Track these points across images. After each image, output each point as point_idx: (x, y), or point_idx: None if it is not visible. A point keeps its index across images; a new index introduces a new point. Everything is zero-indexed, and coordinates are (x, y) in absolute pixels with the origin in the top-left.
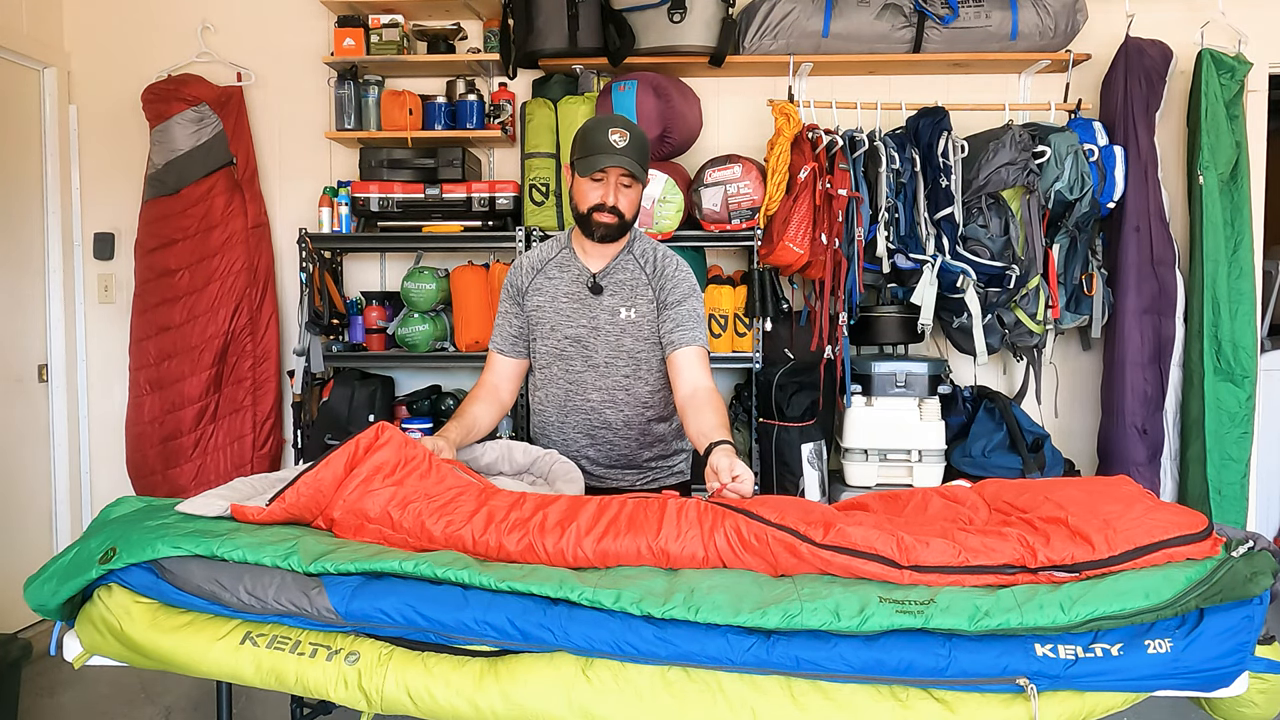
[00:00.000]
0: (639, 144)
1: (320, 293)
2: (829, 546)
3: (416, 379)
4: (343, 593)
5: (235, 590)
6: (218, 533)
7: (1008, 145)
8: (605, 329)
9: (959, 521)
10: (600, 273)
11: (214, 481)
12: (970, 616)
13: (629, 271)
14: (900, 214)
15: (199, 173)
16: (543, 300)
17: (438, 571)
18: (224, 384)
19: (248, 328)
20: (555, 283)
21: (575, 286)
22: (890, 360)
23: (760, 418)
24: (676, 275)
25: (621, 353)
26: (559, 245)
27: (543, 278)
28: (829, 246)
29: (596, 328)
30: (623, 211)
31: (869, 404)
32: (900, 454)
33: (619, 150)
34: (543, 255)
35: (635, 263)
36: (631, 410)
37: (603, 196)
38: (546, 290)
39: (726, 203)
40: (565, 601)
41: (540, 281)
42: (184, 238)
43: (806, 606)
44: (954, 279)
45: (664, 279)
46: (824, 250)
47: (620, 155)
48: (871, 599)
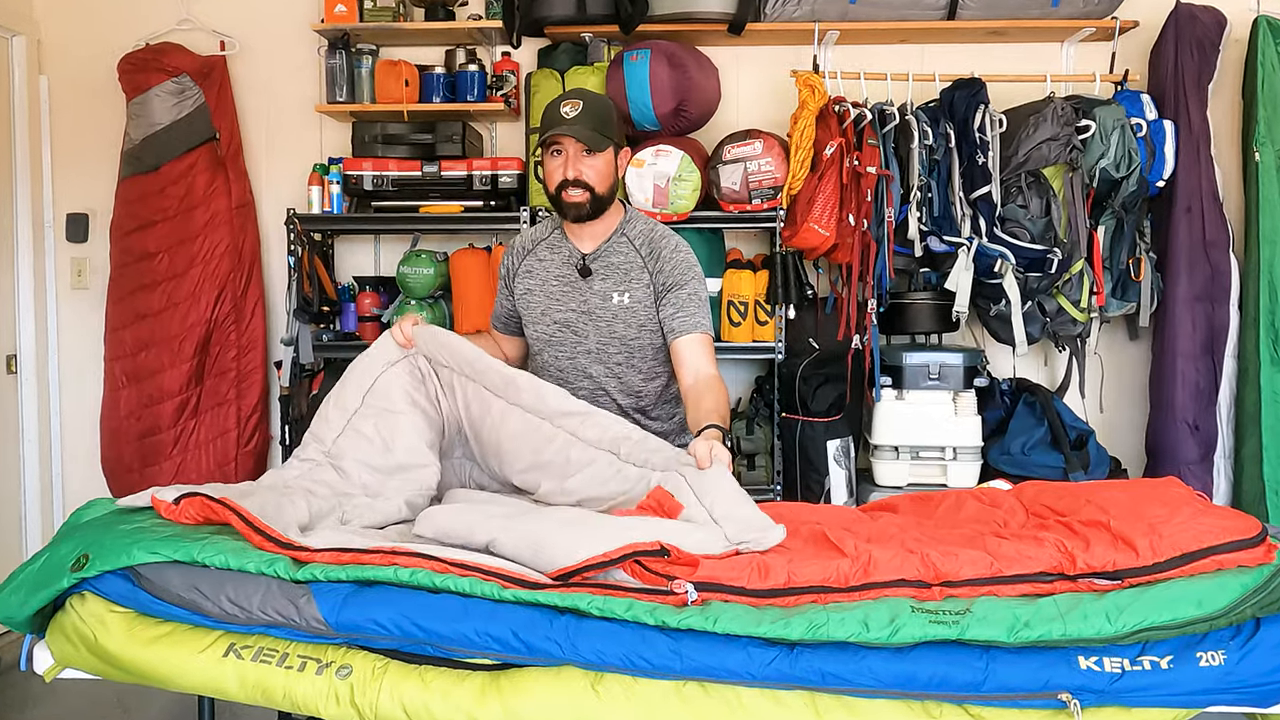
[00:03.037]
0: (594, 111)
1: (310, 278)
2: (854, 588)
3: None
4: (333, 602)
5: (217, 599)
6: (198, 537)
7: (1049, 119)
8: (596, 314)
9: (993, 526)
10: (591, 254)
11: (195, 481)
12: (1009, 627)
13: (622, 254)
14: (933, 193)
15: (179, 149)
16: (533, 283)
17: (436, 580)
18: (206, 376)
19: (232, 315)
20: (545, 265)
21: (565, 269)
22: (923, 350)
23: (783, 412)
24: (674, 257)
25: (614, 339)
26: (551, 226)
27: (533, 259)
28: (857, 228)
29: (587, 312)
30: (590, 184)
31: (900, 398)
32: (933, 452)
33: (569, 120)
34: (535, 236)
35: (629, 245)
36: (626, 400)
37: (563, 170)
38: (537, 272)
39: (746, 181)
40: (573, 611)
41: (530, 263)
42: (163, 219)
43: (833, 617)
44: (991, 263)
45: (660, 261)
46: (851, 232)
47: (570, 124)
48: (903, 609)
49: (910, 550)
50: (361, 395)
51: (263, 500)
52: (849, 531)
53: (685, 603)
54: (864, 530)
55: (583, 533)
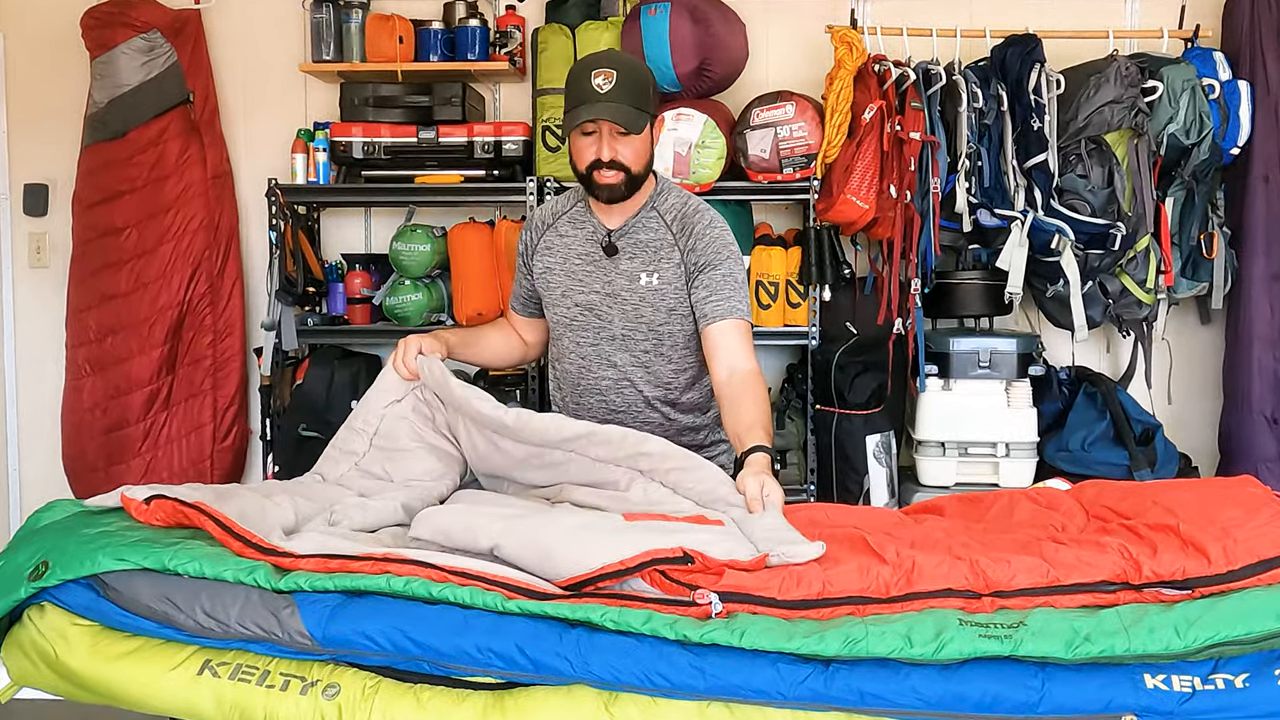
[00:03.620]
0: (632, 83)
1: (293, 255)
2: (896, 598)
3: None
4: (319, 613)
5: (191, 610)
6: (170, 542)
7: (1112, 80)
8: (622, 296)
9: (1049, 530)
10: (617, 231)
11: (166, 480)
12: (1067, 642)
13: (651, 230)
14: (984, 162)
15: (149, 113)
16: (552, 261)
17: (433, 590)
18: (179, 364)
19: (207, 297)
20: (568, 241)
21: (589, 246)
22: (972, 336)
23: (817, 404)
24: (708, 234)
25: (641, 324)
26: (575, 197)
27: (554, 235)
28: (899, 200)
29: (612, 294)
30: (627, 165)
31: (946, 388)
32: (983, 448)
33: (604, 96)
34: (556, 209)
35: (659, 220)
36: (653, 391)
37: (597, 151)
38: (557, 249)
39: (777, 148)
40: (585, 624)
41: (551, 239)
42: (131, 190)
43: (872, 630)
44: (1048, 239)
45: (693, 239)
46: (893, 205)
47: (605, 103)
48: (950, 622)
49: (958, 557)
50: (369, 439)
51: (242, 503)
52: (890, 536)
53: (709, 615)
54: (907, 534)
55: (596, 538)
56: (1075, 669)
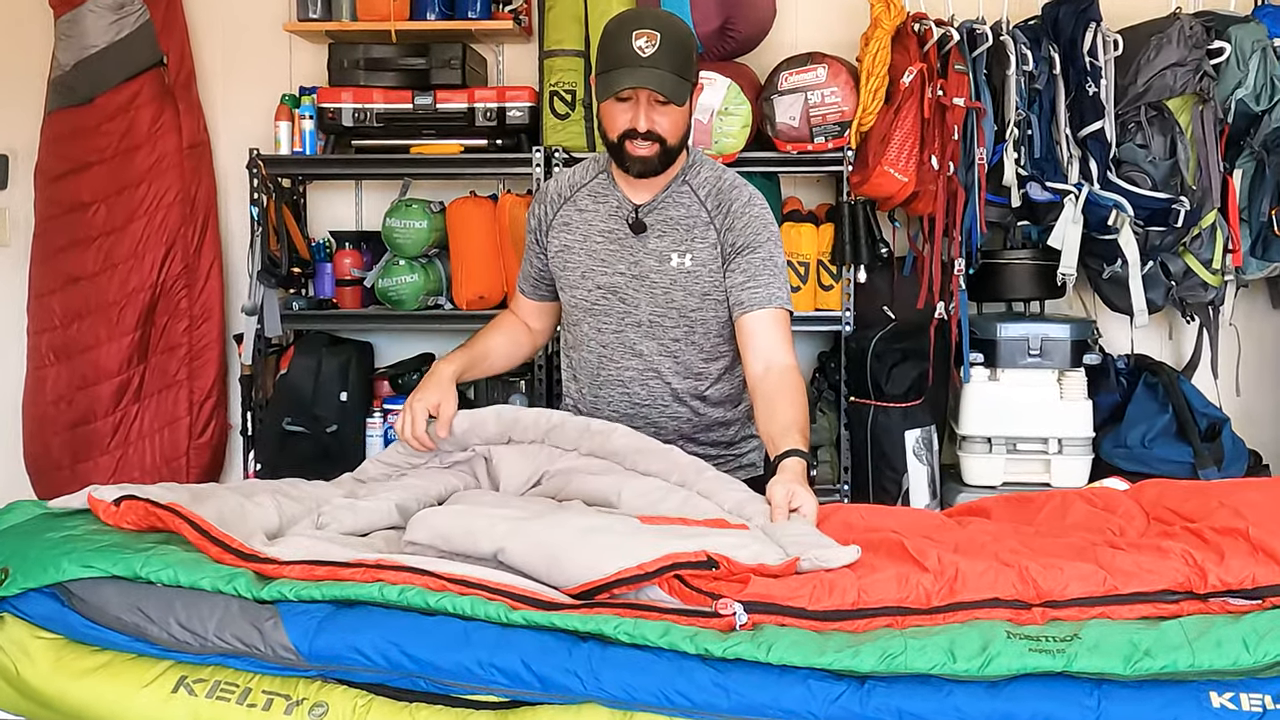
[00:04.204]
0: (676, 47)
1: (277, 233)
2: (938, 609)
3: (402, 345)
4: (306, 625)
5: (165, 622)
6: (142, 547)
7: (1174, 41)
8: (650, 278)
9: (1106, 534)
10: (645, 206)
11: (138, 479)
12: (1126, 656)
13: (683, 206)
14: (1034, 130)
15: (119, 76)
16: (571, 238)
17: (430, 599)
18: (152, 352)
19: (182, 278)
20: (588, 216)
21: (613, 222)
22: (1021, 321)
23: (851, 396)
24: (747, 212)
25: (671, 310)
26: (595, 168)
27: (572, 209)
28: (941, 172)
29: (639, 276)
30: (664, 136)
31: (993, 378)
32: (1034, 444)
33: (645, 61)
34: (575, 180)
35: (692, 195)
36: (682, 384)
37: (632, 121)
38: (577, 225)
39: (807, 115)
40: (597, 637)
41: (569, 214)
42: (99, 161)
43: (912, 644)
44: (1104, 215)
45: (730, 217)
46: (934, 178)
47: (647, 69)
48: (997, 634)
49: (1006, 563)
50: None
51: (222, 504)
52: (931, 540)
53: (733, 626)
54: (949, 539)
55: (610, 541)
56: (1134, 686)
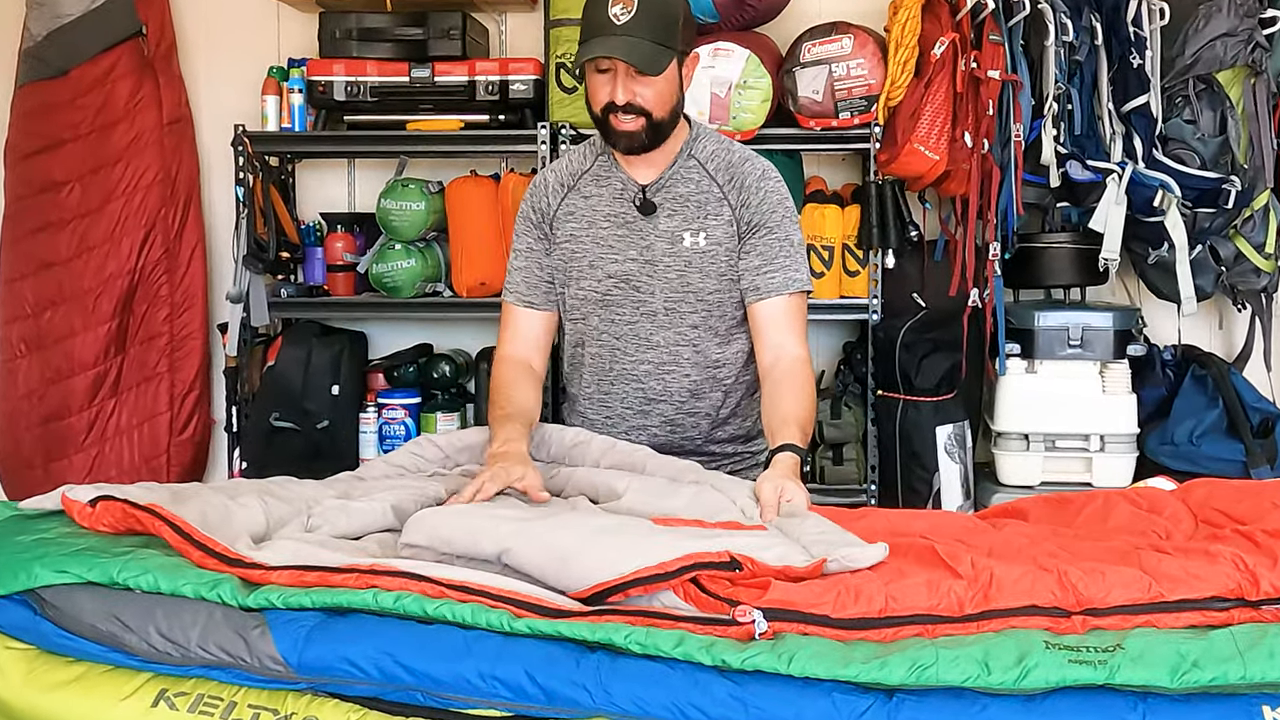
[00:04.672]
0: (654, 13)
1: (264, 215)
2: (971, 617)
3: (398, 335)
4: (295, 635)
5: (144, 631)
6: (120, 551)
7: (1225, 9)
8: (664, 262)
9: (1151, 537)
10: (652, 185)
11: (115, 478)
12: (1173, 668)
13: (693, 182)
14: (1074, 105)
15: (95, 47)
16: (577, 227)
17: (428, 607)
18: (130, 343)
19: (163, 264)
20: (593, 202)
21: (619, 206)
22: (1060, 309)
23: (879, 390)
24: (762, 187)
25: (688, 294)
26: (593, 152)
27: (576, 197)
28: (975, 150)
29: (651, 261)
30: (648, 109)
31: (1030, 370)
32: (1074, 441)
33: (618, 29)
34: (573, 167)
35: (701, 170)
36: (700, 374)
37: (611, 93)
38: (582, 213)
39: (832, 89)
40: (606, 647)
41: (573, 202)
42: (74, 138)
43: (943, 654)
44: (1150, 196)
45: (745, 193)
46: (968, 156)
47: (619, 37)
48: (1034, 645)
49: (1044, 568)
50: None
51: (205, 505)
52: (964, 544)
53: (752, 635)
54: (984, 542)
55: (624, 541)
56: (1181, 700)
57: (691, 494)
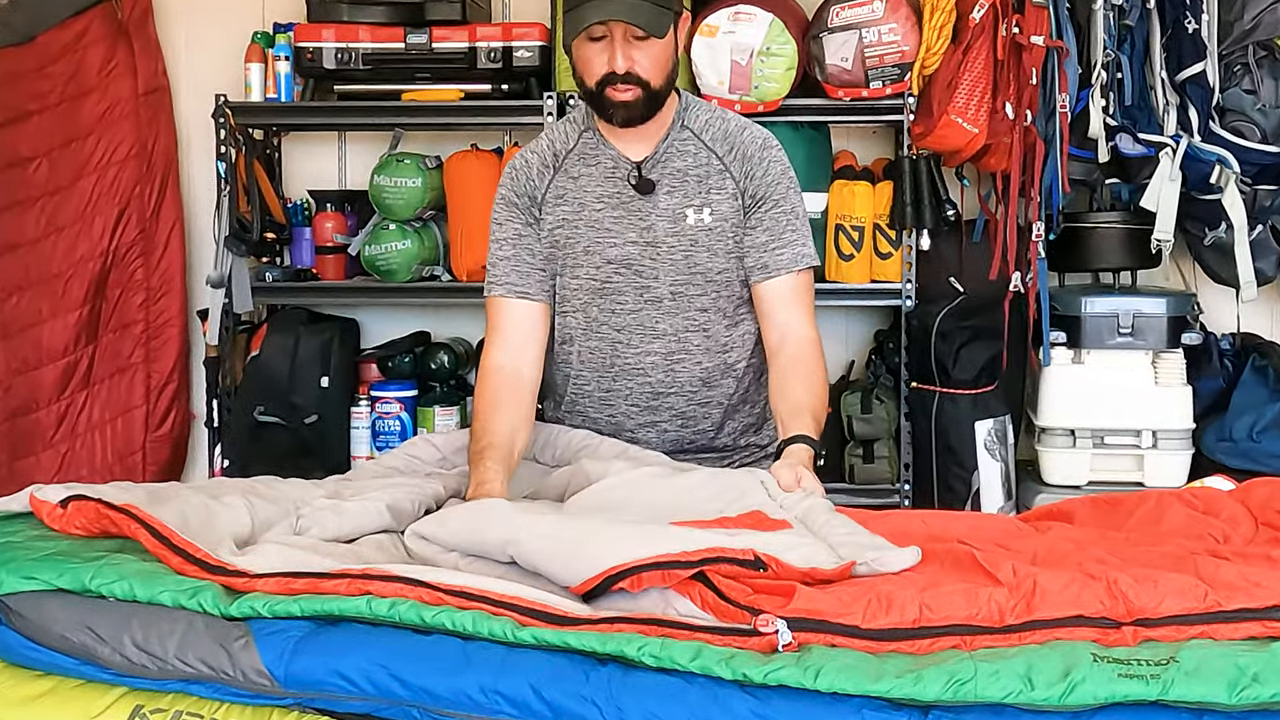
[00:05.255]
0: None
1: (248, 193)
2: (1013, 628)
3: (393, 322)
4: (281, 646)
5: (119, 643)
6: (92, 556)
7: None
8: (667, 243)
9: (1208, 542)
10: (648, 161)
11: (87, 477)
12: (1231, 683)
13: (690, 155)
14: (1125, 74)
15: (64, 11)
16: (569, 211)
17: (425, 615)
18: (102, 330)
19: (138, 245)
20: (583, 183)
21: (612, 185)
22: (1110, 295)
23: (913, 381)
24: (765, 157)
25: (695, 275)
26: (577, 127)
27: (564, 179)
28: (1017, 122)
29: (653, 243)
30: (646, 79)
31: (1077, 360)
32: (1125, 437)
33: None
34: (556, 145)
35: (696, 141)
36: (711, 361)
37: (609, 62)
38: (571, 196)
39: (862, 56)
40: (618, 660)
41: (561, 184)
42: (41, 109)
43: (982, 668)
44: (1206, 171)
45: (749, 164)
46: (1009, 128)
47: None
48: (1081, 658)
49: (1091, 575)
50: None
51: (185, 506)
52: (1005, 549)
53: (775, 647)
54: (1027, 547)
55: (641, 531)
56: (1240, 717)
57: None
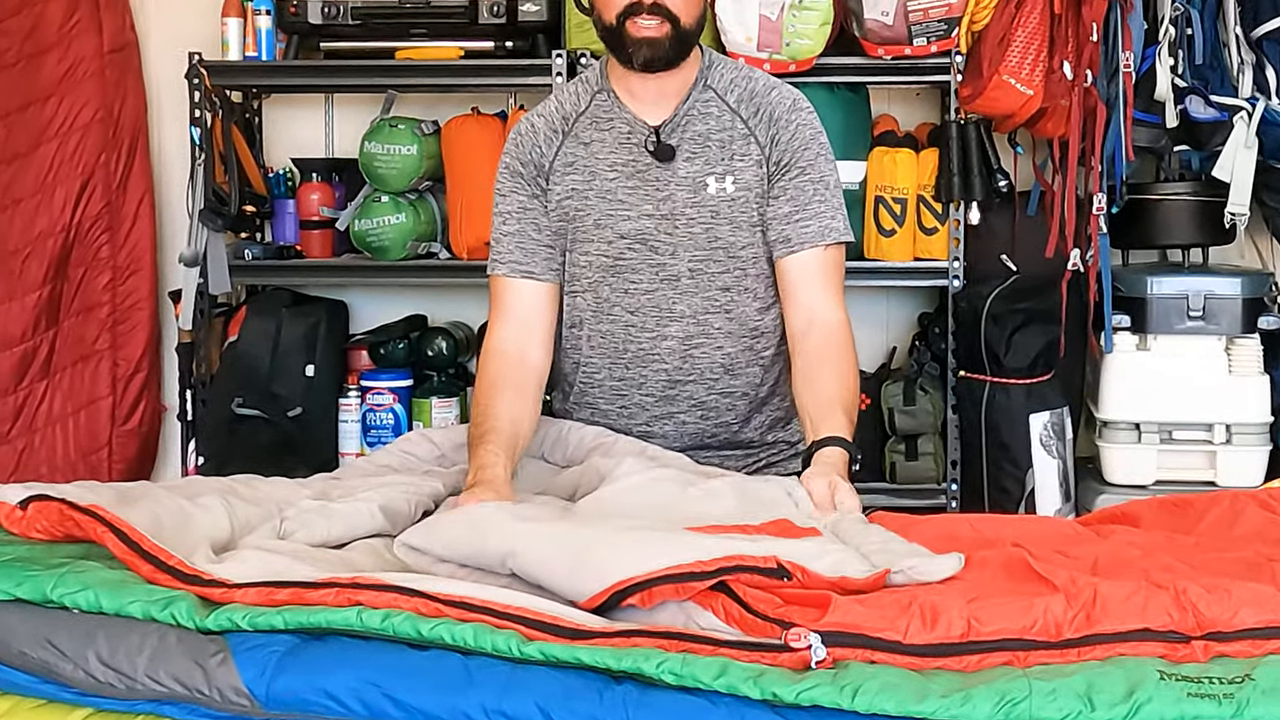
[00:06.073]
0: None
1: (225, 161)
2: (1071, 642)
3: (386, 304)
4: (263, 662)
5: (83, 659)
6: (54, 563)
7: None
8: (686, 214)
9: None
10: (666, 125)
11: (47, 476)
12: None
13: (712, 118)
14: (1196, 30)
15: None
16: (578, 180)
17: (422, 628)
18: (64, 314)
19: (103, 220)
20: (594, 150)
21: (627, 152)
22: (1178, 274)
23: (961, 369)
24: (793, 119)
25: (716, 251)
26: (588, 90)
27: (574, 144)
28: (1076, 83)
29: (670, 215)
30: (675, 12)
31: (1142, 347)
32: (1195, 431)
33: None
34: (564, 109)
35: (719, 102)
36: (735, 346)
37: None
38: (583, 163)
39: (904, 10)
40: (635, 677)
41: (571, 151)
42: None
43: (1038, 687)
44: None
45: (775, 127)
46: (1067, 90)
47: None
48: (1147, 676)
49: (1158, 584)
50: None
51: (157, 508)
52: (1063, 555)
53: (808, 664)
54: (1086, 553)
55: (653, 539)
56: None
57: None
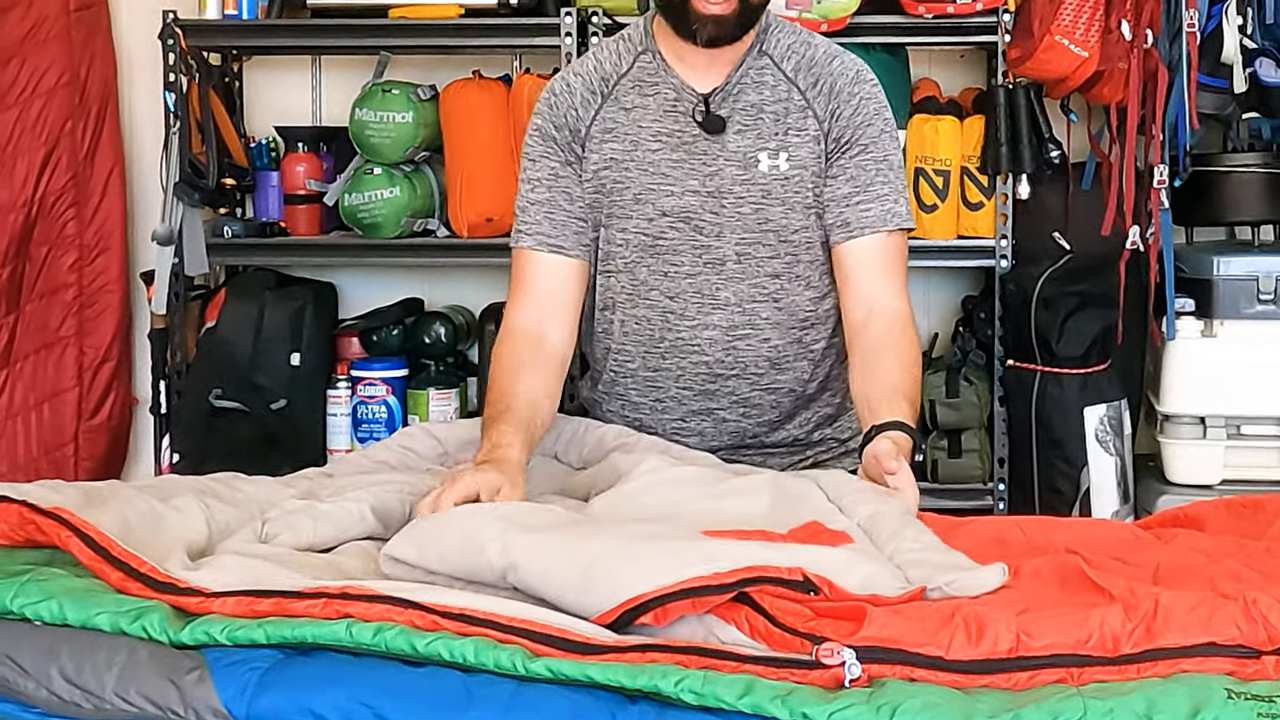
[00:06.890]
0: None
1: (202, 130)
2: (1130, 658)
3: (379, 287)
4: (243, 680)
5: (45, 676)
6: (15, 570)
7: None
8: (734, 192)
9: None
10: (717, 93)
11: (7, 475)
12: None
13: (767, 87)
14: None
15: None
16: (618, 149)
17: (417, 642)
18: (26, 297)
19: (69, 194)
20: (636, 116)
21: (673, 121)
22: (1247, 253)
23: (1009, 358)
24: (855, 92)
25: (766, 234)
26: (631, 50)
27: (614, 109)
28: (1135, 45)
29: (717, 193)
30: None
31: (1208, 333)
32: (1266, 426)
33: None
34: (605, 69)
35: (775, 71)
36: (783, 338)
37: None
38: (622, 130)
39: None
40: (651, 696)
41: (612, 115)
42: None
43: (1093, 706)
44: None
45: (836, 100)
46: (1126, 52)
47: None
48: (1213, 694)
49: (1225, 594)
50: None
51: (127, 510)
52: (1121, 562)
53: (841, 681)
54: (1147, 560)
55: (668, 548)
56: None
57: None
